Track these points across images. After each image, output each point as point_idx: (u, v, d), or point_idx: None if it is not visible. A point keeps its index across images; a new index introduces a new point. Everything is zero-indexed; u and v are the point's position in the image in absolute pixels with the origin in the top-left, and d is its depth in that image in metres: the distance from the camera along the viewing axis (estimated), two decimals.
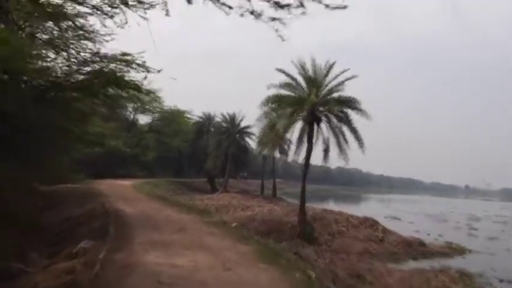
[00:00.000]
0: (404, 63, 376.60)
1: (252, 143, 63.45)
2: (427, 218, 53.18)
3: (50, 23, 19.10)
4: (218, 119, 66.31)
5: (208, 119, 74.16)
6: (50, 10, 17.32)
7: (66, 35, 19.91)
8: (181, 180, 66.92)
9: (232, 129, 59.85)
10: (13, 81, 18.71)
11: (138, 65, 19.48)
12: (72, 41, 20.21)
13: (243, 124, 60.79)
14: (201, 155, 70.84)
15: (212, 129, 73.06)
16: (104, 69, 19.67)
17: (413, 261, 23.59)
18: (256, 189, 69.76)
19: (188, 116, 74.61)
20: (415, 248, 25.78)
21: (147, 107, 68.07)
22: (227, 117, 60.97)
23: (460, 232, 39.23)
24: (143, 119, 72.85)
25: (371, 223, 28.99)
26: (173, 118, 70.80)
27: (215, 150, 60.37)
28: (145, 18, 14.48)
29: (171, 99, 77.47)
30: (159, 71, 19.59)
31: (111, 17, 16.61)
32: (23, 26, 19.02)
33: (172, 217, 18.31)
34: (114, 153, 54.52)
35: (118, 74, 19.81)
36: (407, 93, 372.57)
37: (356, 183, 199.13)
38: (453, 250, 26.91)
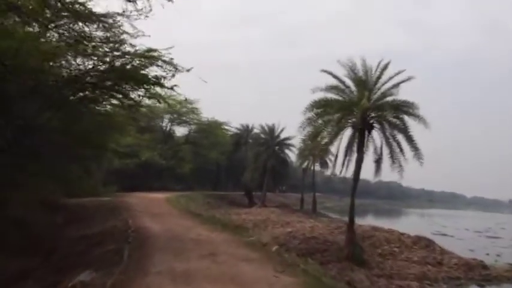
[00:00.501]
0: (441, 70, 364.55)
1: (292, 155, 60.98)
2: (477, 235, 49.48)
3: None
4: (257, 130, 63.80)
5: (246, 130, 71.96)
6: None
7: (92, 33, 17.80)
8: (218, 193, 64.85)
9: (271, 140, 57.38)
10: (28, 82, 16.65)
11: (164, 61, 17.09)
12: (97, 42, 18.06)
13: (282, 136, 58.40)
14: (239, 167, 68.77)
15: (250, 141, 70.89)
16: (126, 66, 17.34)
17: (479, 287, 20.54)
18: (295, 204, 67.25)
19: (226, 127, 72.54)
20: (478, 272, 22.55)
21: (184, 118, 66.54)
22: (266, 128, 58.54)
23: None
24: (180, 131, 71.10)
25: (426, 243, 25.88)
26: (210, 130, 68.78)
27: (253, 163, 57.97)
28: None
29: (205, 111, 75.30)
30: (188, 70, 17.15)
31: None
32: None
33: (203, 237, 15.80)
34: (150, 165, 52.72)
35: (137, 70, 17.41)
36: (446, 100, 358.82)
37: (396, 197, 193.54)
38: None
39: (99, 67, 17.21)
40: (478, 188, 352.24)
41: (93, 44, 16.50)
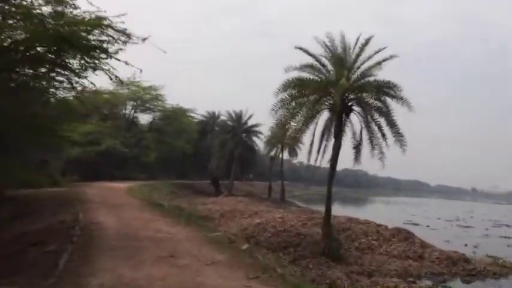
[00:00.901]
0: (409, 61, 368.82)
1: (259, 143, 59.13)
2: (449, 224, 48.74)
3: None
4: (224, 117, 61.51)
5: (212, 117, 70.09)
6: None
7: None
8: (184, 182, 62.81)
9: (238, 128, 55.37)
10: None
11: (116, 30, 14.51)
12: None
13: (250, 123, 56.48)
14: (205, 155, 66.62)
15: (217, 128, 68.87)
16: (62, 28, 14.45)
17: (465, 284, 19.07)
18: (263, 192, 66.03)
19: (191, 114, 70.27)
20: (461, 266, 21.08)
21: (148, 105, 64.01)
22: (233, 115, 56.42)
23: (496, 243, 34.58)
24: (144, 118, 68.36)
25: (405, 235, 24.30)
26: (175, 117, 66.34)
27: (219, 150, 55.91)
28: None
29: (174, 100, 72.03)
30: (144, 39, 14.65)
31: None
32: None
33: (163, 233, 13.73)
34: (112, 154, 50.04)
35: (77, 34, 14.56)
36: (414, 92, 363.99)
37: (362, 186, 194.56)
38: (504, 268, 22.23)
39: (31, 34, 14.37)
40: (442, 176, 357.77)
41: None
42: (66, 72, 16.79)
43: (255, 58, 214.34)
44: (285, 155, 62.79)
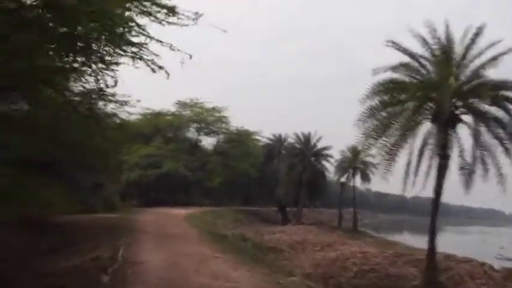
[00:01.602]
0: None
1: (329, 167, 54.96)
2: None
3: None
4: (291, 139, 57.58)
5: (279, 140, 66.74)
6: None
7: None
8: (249, 209, 59.56)
9: (307, 151, 51.59)
10: None
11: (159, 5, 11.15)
12: None
13: (319, 145, 52.59)
14: (272, 181, 63.32)
15: (283, 152, 65.52)
16: None
17: None
18: (332, 220, 61.45)
19: (257, 137, 67.26)
20: None
21: (212, 127, 61.63)
22: (301, 137, 52.69)
23: None
24: (207, 141, 65.90)
25: None
26: (240, 140, 63.56)
27: (287, 176, 52.23)
28: None
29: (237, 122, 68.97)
30: (196, 18, 11.16)
31: None
32: None
33: (221, 280, 10.20)
34: (173, 177, 47.36)
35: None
36: None
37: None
38: None
39: None
40: None
41: None
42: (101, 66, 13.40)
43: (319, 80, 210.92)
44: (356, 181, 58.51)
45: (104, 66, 12.86)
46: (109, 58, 12.42)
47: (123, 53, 12.02)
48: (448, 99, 14.00)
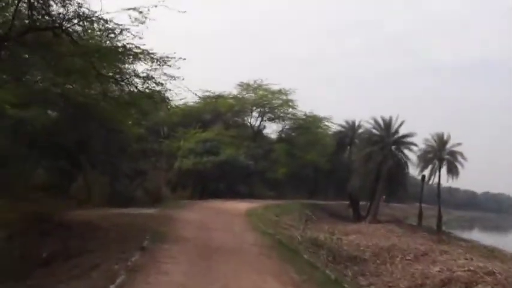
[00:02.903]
0: None
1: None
2: None
3: None
4: (367, 125, 49.95)
5: (352, 128, 59.58)
6: None
7: None
8: (317, 203, 53.23)
9: (387, 138, 44.40)
10: None
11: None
12: None
13: (401, 132, 45.23)
14: (342, 172, 56.44)
15: (357, 141, 58.53)
16: None
17: None
18: (407, 217, 56.42)
19: (327, 124, 60.65)
20: None
21: (277, 111, 55.50)
22: (381, 122, 45.44)
23: None
24: (271, 128, 59.71)
25: None
26: (308, 126, 57.22)
27: (363, 166, 45.29)
28: None
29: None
30: None
31: None
32: None
33: None
34: (234, 166, 41.55)
35: None
36: None
37: (504, 211, 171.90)
38: None
39: None
40: None
41: None
42: None
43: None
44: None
45: None
46: None
47: None
48: None
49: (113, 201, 23.05)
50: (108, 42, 14.82)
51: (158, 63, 15.00)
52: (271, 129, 59.42)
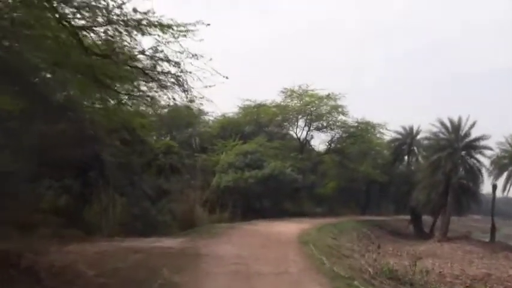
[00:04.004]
0: None
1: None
2: None
3: None
4: (431, 129, 43.64)
5: (409, 134, 53.36)
6: None
7: None
8: (373, 219, 48.02)
9: (456, 143, 38.19)
10: None
11: None
12: None
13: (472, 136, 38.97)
14: (400, 184, 50.42)
15: (415, 148, 52.54)
16: None
17: None
18: (469, 231, 50.86)
19: (382, 131, 54.43)
20: None
21: (325, 120, 49.83)
22: (448, 125, 39.19)
23: None
24: (319, 138, 54.21)
25: None
26: (360, 135, 51.26)
27: (429, 176, 39.21)
28: None
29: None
30: None
31: None
32: None
33: None
34: (280, 182, 36.01)
35: None
36: None
37: None
38: None
39: None
40: None
41: None
42: None
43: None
44: None
45: None
46: None
47: None
48: None
49: (131, 229, 18.27)
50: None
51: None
52: (320, 140, 54.03)
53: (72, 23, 9.97)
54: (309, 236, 21.86)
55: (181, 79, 12.65)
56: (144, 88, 13.45)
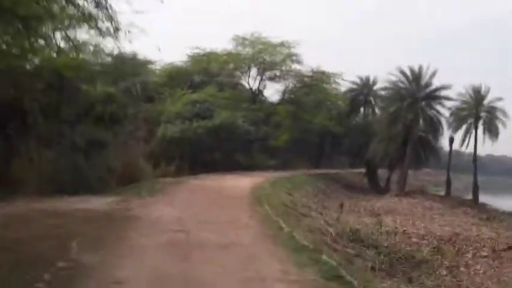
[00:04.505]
0: None
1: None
2: None
3: None
4: (393, 77, 41.49)
5: (366, 84, 51.65)
6: None
7: None
8: (327, 172, 46.48)
9: (417, 92, 36.50)
10: None
11: None
12: None
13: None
14: (355, 136, 48.78)
15: (371, 99, 51.02)
16: None
17: None
18: (425, 186, 51.32)
19: (337, 81, 52.30)
20: None
21: (278, 68, 47.42)
22: (408, 73, 37.37)
23: None
24: (273, 88, 51.65)
25: None
26: (315, 84, 49.11)
27: (386, 129, 37.65)
28: None
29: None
30: None
31: None
32: None
33: None
34: (231, 133, 33.67)
35: None
36: None
37: (508, 173, 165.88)
38: None
39: None
40: None
41: None
42: None
43: None
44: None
45: None
46: None
47: None
48: None
49: (59, 186, 15.59)
50: None
51: None
52: (273, 89, 51.58)
53: None
54: (263, 191, 19.71)
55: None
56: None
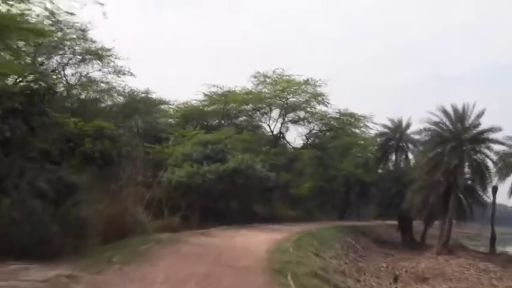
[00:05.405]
0: None
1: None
2: None
3: None
4: (420, 124, 37.10)
5: (398, 128, 47.12)
6: None
7: None
8: (355, 225, 43.14)
9: (463, 133, 31.91)
10: None
11: None
12: None
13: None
14: (386, 184, 44.10)
15: (403, 144, 46.56)
16: None
17: None
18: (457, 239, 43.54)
19: (367, 124, 48.31)
20: None
21: (302, 111, 43.48)
22: (451, 114, 32.79)
23: None
24: (297, 131, 47.43)
25: None
26: (342, 128, 45.17)
27: (425, 175, 32.94)
28: None
29: None
30: None
31: None
32: None
33: None
34: (249, 179, 28.98)
35: None
36: None
37: None
38: None
39: None
40: None
41: None
42: None
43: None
44: None
45: None
46: None
47: None
48: None
49: (7, 246, 11.41)
50: None
51: None
52: (296, 133, 47.40)
53: None
54: (285, 254, 15.04)
55: None
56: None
